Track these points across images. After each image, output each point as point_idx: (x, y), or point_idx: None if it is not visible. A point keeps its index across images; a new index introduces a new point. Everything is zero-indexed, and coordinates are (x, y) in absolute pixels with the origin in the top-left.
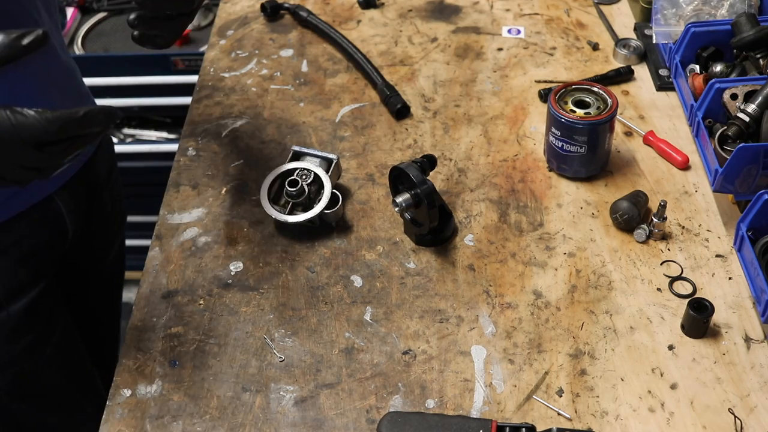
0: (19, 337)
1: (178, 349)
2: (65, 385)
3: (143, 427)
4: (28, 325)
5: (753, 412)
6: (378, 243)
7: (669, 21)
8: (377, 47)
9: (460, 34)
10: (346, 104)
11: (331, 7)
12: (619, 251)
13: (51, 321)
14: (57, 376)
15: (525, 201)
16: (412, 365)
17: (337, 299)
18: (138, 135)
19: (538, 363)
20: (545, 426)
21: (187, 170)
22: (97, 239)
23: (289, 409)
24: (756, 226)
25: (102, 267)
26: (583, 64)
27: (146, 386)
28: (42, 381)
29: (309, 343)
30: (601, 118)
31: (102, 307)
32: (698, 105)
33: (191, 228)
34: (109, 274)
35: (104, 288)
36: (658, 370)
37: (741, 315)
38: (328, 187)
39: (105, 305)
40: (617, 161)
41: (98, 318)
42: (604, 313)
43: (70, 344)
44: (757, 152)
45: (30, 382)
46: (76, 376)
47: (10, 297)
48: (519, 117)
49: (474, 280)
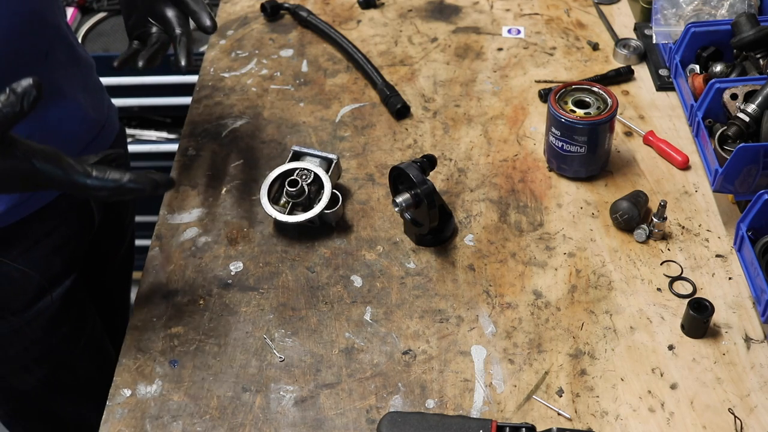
0: (57, 327)
1: (178, 349)
2: (98, 378)
3: (143, 427)
4: (65, 316)
5: (753, 412)
6: (378, 243)
7: (669, 21)
8: (377, 47)
9: (460, 34)
10: (346, 104)
11: (331, 7)
12: (619, 251)
13: (83, 312)
14: (90, 368)
15: (525, 201)
16: (412, 365)
17: (337, 299)
18: (138, 135)
19: (538, 363)
20: (545, 426)
21: (187, 170)
22: (115, 228)
23: (289, 409)
24: (756, 226)
25: (117, 257)
26: (583, 64)
27: (146, 386)
28: (77, 373)
29: (309, 343)
30: (601, 118)
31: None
32: (698, 105)
33: (191, 228)
34: (122, 265)
35: (119, 279)
36: (658, 370)
37: (741, 315)
38: (328, 187)
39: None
40: (617, 161)
41: (116, 308)
42: (604, 313)
43: (100, 335)
44: (757, 152)
45: (66, 373)
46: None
47: (52, 282)
48: (519, 117)
49: (474, 280)
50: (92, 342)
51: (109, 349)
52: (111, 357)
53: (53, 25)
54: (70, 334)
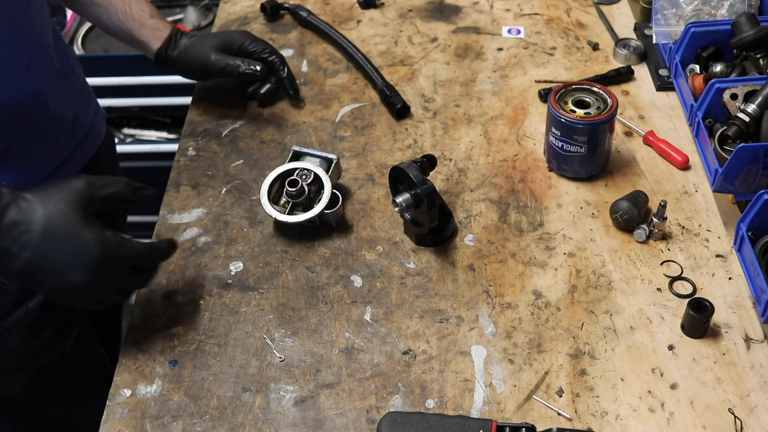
0: (39, 332)
1: (178, 349)
2: (87, 380)
3: (143, 427)
4: (47, 321)
5: (753, 412)
6: (378, 243)
7: (669, 21)
8: (377, 47)
9: (460, 34)
10: (346, 104)
11: (331, 7)
12: (619, 251)
13: (68, 316)
14: (78, 371)
15: (525, 201)
16: (412, 365)
17: (337, 299)
18: (138, 135)
19: (538, 363)
20: (545, 426)
21: (187, 170)
22: None
23: (289, 409)
24: (756, 226)
25: None
26: (583, 64)
27: (146, 386)
28: (64, 376)
29: (309, 343)
30: (601, 118)
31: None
32: (698, 105)
33: (191, 228)
34: None
35: None
36: (658, 370)
37: (741, 315)
38: (328, 187)
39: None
40: (617, 161)
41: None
42: (604, 313)
43: (88, 338)
44: (757, 152)
45: (52, 377)
46: (97, 370)
47: (28, 293)
48: (519, 117)
49: (474, 280)
50: (80, 345)
51: (99, 351)
52: (102, 359)
53: (35, 36)
54: (53, 339)
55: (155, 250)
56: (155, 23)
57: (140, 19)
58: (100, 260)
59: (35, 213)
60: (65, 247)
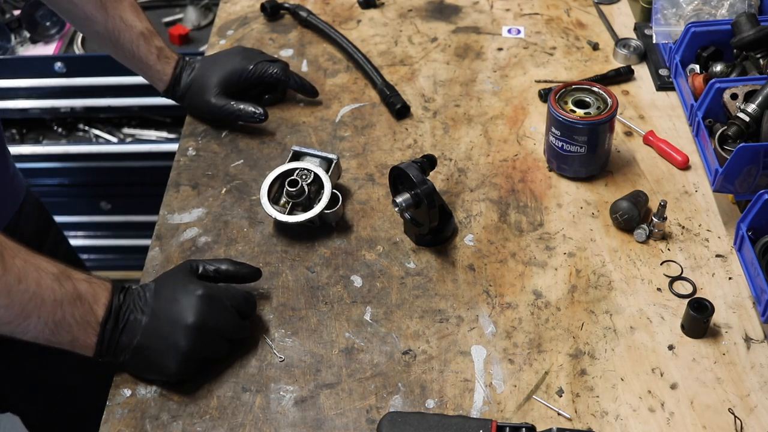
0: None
1: None
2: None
3: (143, 427)
4: None
5: (753, 412)
6: (378, 243)
7: (669, 21)
8: (377, 47)
9: (460, 34)
10: (346, 104)
11: (331, 7)
12: (619, 251)
13: None
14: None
15: (525, 201)
16: (412, 365)
17: (337, 299)
18: (138, 135)
19: (538, 363)
20: (545, 426)
21: (187, 170)
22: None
23: (289, 409)
24: (756, 226)
25: None
26: (583, 64)
27: (146, 386)
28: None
29: (309, 343)
30: (601, 118)
31: None
32: (698, 105)
33: (191, 228)
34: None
35: None
36: (658, 370)
37: (741, 315)
38: (328, 187)
39: None
40: (617, 161)
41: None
42: (604, 313)
43: None
44: (757, 152)
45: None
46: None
47: None
48: (519, 117)
49: (474, 280)
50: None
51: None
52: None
53: None
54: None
55: (253, 299)
56: (161, 67)
57: (147, 61)
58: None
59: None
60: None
